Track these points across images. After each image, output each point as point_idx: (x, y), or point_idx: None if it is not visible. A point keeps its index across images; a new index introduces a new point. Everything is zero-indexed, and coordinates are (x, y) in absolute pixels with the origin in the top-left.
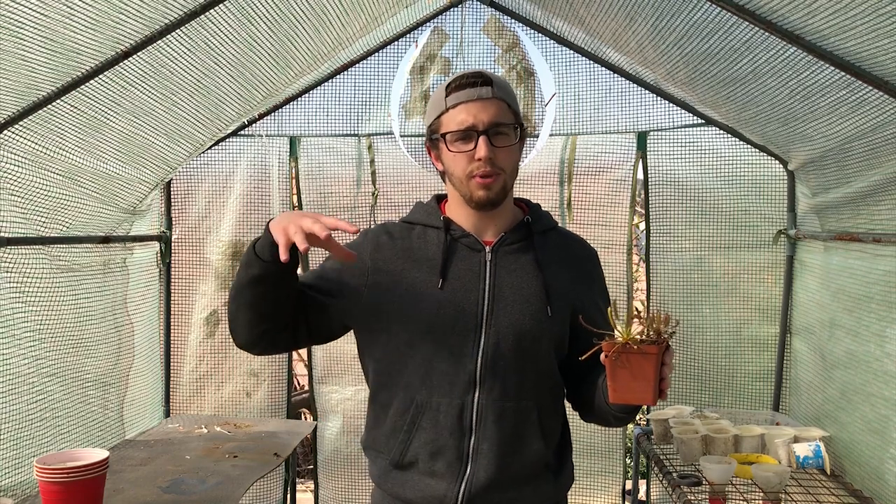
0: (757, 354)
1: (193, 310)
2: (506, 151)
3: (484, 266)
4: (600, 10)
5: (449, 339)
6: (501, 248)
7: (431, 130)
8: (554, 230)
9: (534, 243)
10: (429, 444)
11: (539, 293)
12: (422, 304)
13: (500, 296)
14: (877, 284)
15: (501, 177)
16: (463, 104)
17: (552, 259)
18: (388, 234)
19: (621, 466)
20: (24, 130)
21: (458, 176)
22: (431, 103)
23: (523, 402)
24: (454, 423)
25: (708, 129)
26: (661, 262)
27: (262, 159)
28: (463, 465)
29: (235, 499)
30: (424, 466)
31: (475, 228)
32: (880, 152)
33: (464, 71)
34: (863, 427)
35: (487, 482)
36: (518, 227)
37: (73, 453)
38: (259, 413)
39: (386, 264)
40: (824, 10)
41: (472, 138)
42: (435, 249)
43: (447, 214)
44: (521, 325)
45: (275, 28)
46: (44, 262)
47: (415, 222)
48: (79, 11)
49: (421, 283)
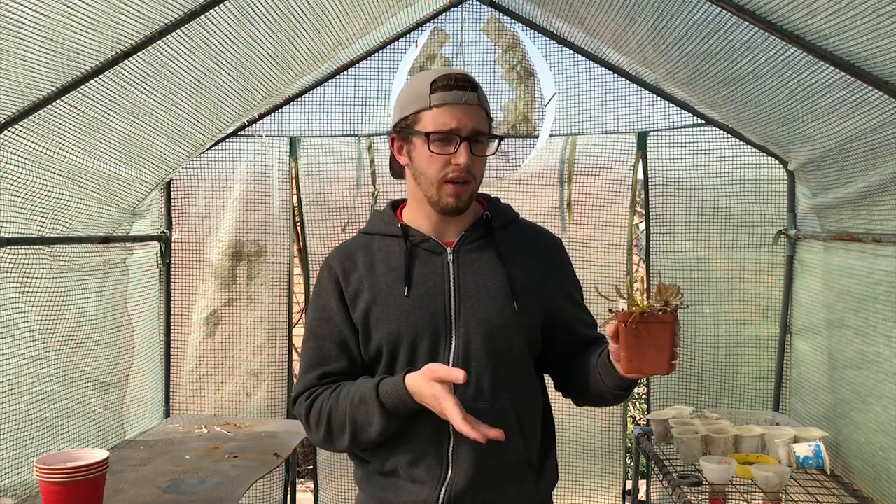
0: (757, 354)
1: (193, 310)
2: (481, 160)
3: (447, 268)
4: (600, 10)
5: (421, 345)
6: (462, 248)
7: (406, 124)
8: (514, 223)
9: (495, 238)
10: (409, 451)
11: (504, 288)
12: (392, 314)
13: (465, 295)
14: (880, 285)
15: (472, 185)
16: (448, 106)
17: (516, 252)
18: (348, 257)
19: (621, 467)
20: (24, 130)
21: (430, 177)
22: (410, 95)
23: (499, 402)
24: (432, 430)
25: (708, 129)
26: (661, 262)
27: (262, 159)
28: (443, 471)
29: (235, 499)
30: (405, 473)
31: (435, 231)
32: (880, 152)
33: (448, 70)
34: (875, 428)
35: (468, 485)
36: (478, 224)
37: (73, 453)
38: (259, 413)
39: (356, 287)
40: (824, 10)
41: (453, 142)
42: (397, 258)
43: (405, 219)
44: (490, 321)
45: (275, 28)
46: (44, 262)
47: (373, 232)
48: (79, 11)
49: (388, 294)
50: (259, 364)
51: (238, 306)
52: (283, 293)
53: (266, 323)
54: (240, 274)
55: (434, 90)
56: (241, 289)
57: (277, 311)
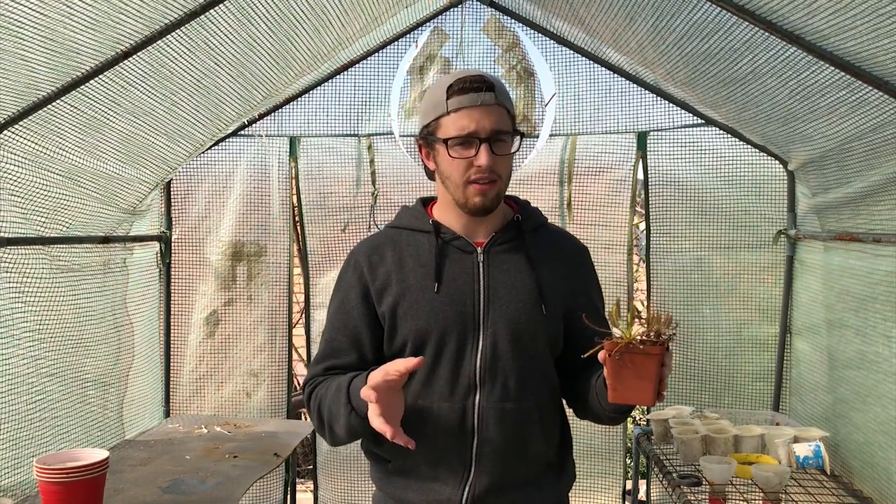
0: (757, 354)
1: (193, 310)
2: (504, 159)
3: (477, 267)
4: (600, 10)
5: (449, 343)
6: (493, 249)
7: (429, 131)
8: (544, 227)
9: (525, 242)
10: (431, 449)
11: (533, 291)
12: (420, 309)
13: (495, 296)
14: (880, 285)
15: (498, 184)
16: (465, 109)
17: (544, 256)
18: (375, 250)
19: (622, 467)
20: (24, 130)
21: (455, 181)
22: (430, 102)
23: (524, 403)
24: (456, 428)
25: (708, 129)
26: (662, 262)
27: (262, 159)
28: (466, 470)
29: (235, 499)
30: (427, 472)
31: (465, 230)
32: (880, 152)
33: (465, 72)
34: (875, 428)
35: (491, 485)
36: (508, 226)
37: (73, 453)
38: (259, 413)
39: (384, 280)
40: (824, 11)
41: (473, 144)
42: (427, 253)
43: (435, 217)
44: (518, 323)
45: (275, 28)
46: (44, 262)
47: (402, 227)
48: (79, 11)
49: (417, 289)
50: (259, 364)
51: (238, 306)
52: (282, 293)
53: (266, 323)
54: (240, 274)
55: (450, 95)
56: (241, 289)
57: (277, 311)
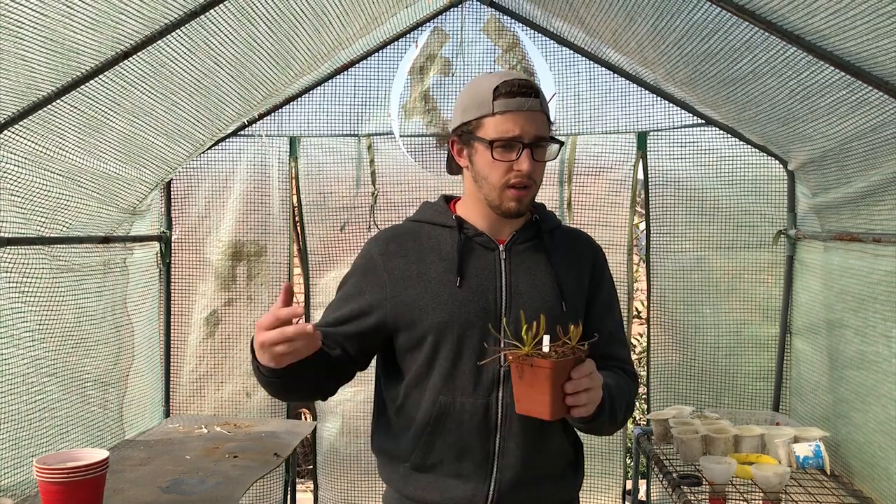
0: (757, 354)
1: (193, 310)
2: (541, 165)
3: (499, 264)
4: (600, 10)
5: (470, 338)
6: (514, 247)
7: (468, 129)
8: (559, 228)
9: (544, 241)
10: (454, 445)
11: (553, 289)
12: (443, 303)
13: (517, 293)
14: (880, 285)
15: (532, 189)
16: (511, 113)
17: (562, 256)
18: (394, 239)
19: (622, 467)
20: (24, 130)
21: (492, 182)
22: (472, 100)
23: None
24: (479, 424)
25: (708, 129)
26: (662, 262)
27: (262, 159)
28: (489, 466)
29: (235, 499)
30: (450, 468)
31: (489, 228)
32: (880, 152)
33: (510, 75)
34: (875, 428)
35: (515, 481)
36: (528, 226)
37: (73, 453)
38: (259, 413)
39: (401, 270)
40: (824, 10)
41: (515, 149)
42: (449, 248)
43: (459, 213)
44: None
45: (275, 28)
46: (44, 262)
47: (423, 220)
48: (79, 11)
49: (438, 283)
50: None
51: (238, 306)
52: None
53: None
54: (240, 274)
55: (497, 97)
56: (241, 289)
57: None
